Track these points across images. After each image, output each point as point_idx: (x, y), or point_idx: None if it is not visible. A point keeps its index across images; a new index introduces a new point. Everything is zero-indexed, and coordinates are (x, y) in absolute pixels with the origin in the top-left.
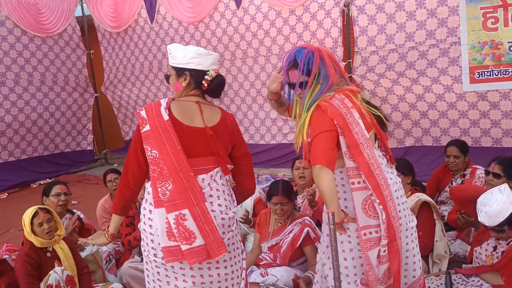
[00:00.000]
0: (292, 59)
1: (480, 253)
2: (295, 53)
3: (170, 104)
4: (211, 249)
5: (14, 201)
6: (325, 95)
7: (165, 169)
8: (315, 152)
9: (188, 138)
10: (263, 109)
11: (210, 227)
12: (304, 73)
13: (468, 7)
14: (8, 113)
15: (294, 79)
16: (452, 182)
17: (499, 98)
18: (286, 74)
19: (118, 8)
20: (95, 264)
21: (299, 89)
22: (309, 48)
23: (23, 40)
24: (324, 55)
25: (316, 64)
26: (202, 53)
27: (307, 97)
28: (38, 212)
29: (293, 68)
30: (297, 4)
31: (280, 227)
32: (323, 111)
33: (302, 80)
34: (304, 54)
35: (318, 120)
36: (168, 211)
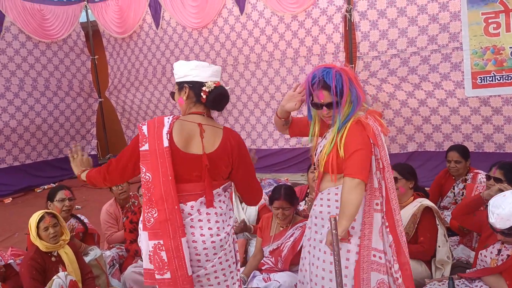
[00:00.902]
0: (320, 80)
1: (485, 255)
2: (322, 73)
3: (173, 125)
4: (177, 284)
5: (18, 206)
6: (358, 114)
7: (153, 197)
8: (355, 166)
9: (184, 165)
10: (265, 114)
11: (179, 263)
12: (337, 94)
13: (469, 13)
14: (13, 118)
15: (322, 100)
16: (454, 187)
17: (501, 104)
18: (309, 94)
19: (124, 14)
20: (99, 269)
21: (325, 109)
22: (335, 69)
23: (27, 46)
24: (351, 75)
25: (346, 85)
26: (200, 65)
27: (339, 116)
28: (44, 216)
29: (321, 89)
30: (300, 10)
31: (281, 231)
32: (363, 128)
33: (330, 101)
34: (333, 75)
35: (357, 136)
36: (149, 238)
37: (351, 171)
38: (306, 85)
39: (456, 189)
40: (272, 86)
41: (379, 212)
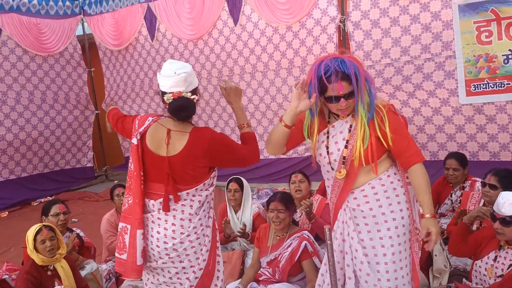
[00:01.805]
0: (337, 71)
1: (480, 266)
2: (336, 64)
3: (149, 126)
4: (127, 268)
5: (14, 220)
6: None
7: (131, 186)
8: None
9: (152, 164)
10: (261, 124)
11: (132, 251)
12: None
13: (461, 21)
14: (9, 131)
15: (340, 91)
16: (452, 194)
17: (495, 111)
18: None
19: (119, 27)
20: (95, 282)
21: (344, 100)
22: (344, 57)
23: (24, 60)
24: (359, 61)
25: (362, 70)
26: (164, 75)
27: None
28: (42, 229)
29: (340, 80)
30: (294, 21)
31: (279, 241)
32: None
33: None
34: (349, 63)
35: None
36: (121, 220)
37: (416, 157)
38: (314, 79)
39: (453, 197)
40: (267, 97)
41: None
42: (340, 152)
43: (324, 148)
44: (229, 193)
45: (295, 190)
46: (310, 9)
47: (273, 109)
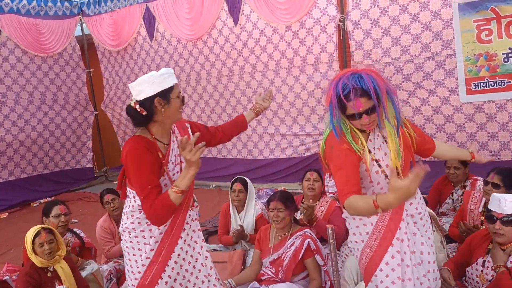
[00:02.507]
0: (356, 88)
1: (471, 273)
2: (354, 81)
3: None
4: None
5: (14, 221)
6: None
7: None
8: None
9: None
10: (261, 124)
11: None
12: (377, 96)
13: (461, 20)
14: (9, 132)
15: (360, 108)
16: (453, 193)
17: (495, 110)
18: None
19: (118, 27)
20: (96, 283)
21: (367, 116)
22: (364, 72)
23: (23, 60)
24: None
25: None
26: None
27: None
28: (40, 232)
29: (359, 97)
30: (293, 20)
31: (280, 241)
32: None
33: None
34: (368, 79)
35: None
36: None
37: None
38: (334, 99)
39: (454, 196)
40: None
41: None
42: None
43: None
44: (233, 194)
45: (308, 187)
46: (309, 8)
47: (273, 109)
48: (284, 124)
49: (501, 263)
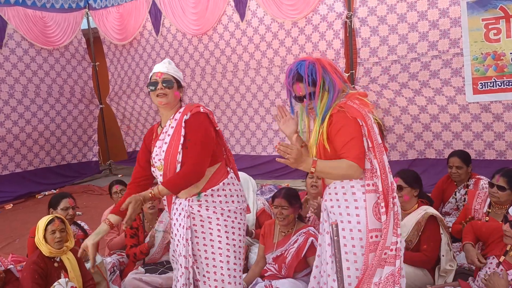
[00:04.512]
0: (295, 73)
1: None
2: (296, 66)
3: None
4: None
5: (19, 212)
6: (337, 102)
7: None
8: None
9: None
10: (265, 121)
11: None
12: (310, 84)
13: (470, 19)
14: (16, 124)
15: (300, 92)
16: (456, 192)
17: (502, 110)
18: (291, 88)
19: (124, 21)
20: (100, 275)
21: (307, 100)
22: (309, 60)
23: (30, 53)
24: (325, 64)
25: (319, 73)
26: None
27: (318, 106)
28: (54, 220)
29: (297, 82)
30: (300, 16)
31: (284, 238)
32: (346, 113)
33: (309, 92)
34: (306, 66)
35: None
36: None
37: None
38: (285, 80)
39: (458, 195)
40: (272, 93)
41: (373, 192)
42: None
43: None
44: None
45: (311, 185)
46: (316, 5)
47: (277, 104)
48: None
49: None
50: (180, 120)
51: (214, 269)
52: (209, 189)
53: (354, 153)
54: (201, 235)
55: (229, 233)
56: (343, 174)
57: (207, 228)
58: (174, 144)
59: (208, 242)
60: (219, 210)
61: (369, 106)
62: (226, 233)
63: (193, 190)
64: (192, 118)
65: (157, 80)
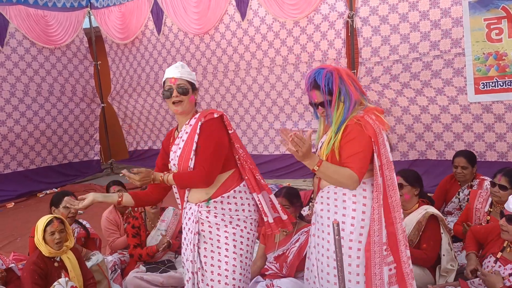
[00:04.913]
0: (312, 80)
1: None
2: (314, 74)
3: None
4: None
5: (20, 211)
6: (355, 114)
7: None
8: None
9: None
10: (267, 120)
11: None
12: (326, 93)
13: (471, 19)
14: (17, 123)
15: (315, 100)
16: (459, 192)
17: (504, 110)
18: (308, 95)
19: (126, 20)
20: (101, 274)
21: (321, 108)
22: (328, 68)
23: (32, 52)
24: (342, 74)
25: (336, 83)
26: None
27: (334, 116)
28: (53, 221)
29: (314, 89)
30: (301, 16)
31: (286, 237)
32: (362, 128)
33: (322, 100)
34: (324, 74)
35: (357, 139)
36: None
37: (353, 166)
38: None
39: (461, 195)
40: (274, 92)
41: (380, 207)
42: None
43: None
44: None
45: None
46: (318, 4)
47: (279, 104)
48: (290, 119)
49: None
50: (194, 126)
51: (219, 277)
52: (219, 196)
53: (359, 166)
54: (208, 241)
55: (237, 242)
56: (341, 182)
57: (214, 235)
58: (187, 150)
59: (215, 249)
60: (228, 218)
61: (384, 124)
62: (233, 242)
63: (203, 196)
64: (205, 125)
65: (172, 87)
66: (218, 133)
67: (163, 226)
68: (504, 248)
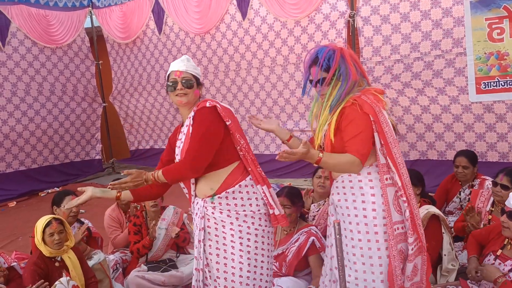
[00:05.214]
0: (313, 56)
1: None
2: (317, 50)
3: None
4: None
5: (22, 210)
6: (351, 95)
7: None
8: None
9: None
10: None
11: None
12: (323, 69)
13: (473, 18)
14: (19, 122)
15: (313, 75)
16: (460, 192)
17: (505, 110)
18: (307, 70)
19: (127, 20)
20: (102, 273)
21: (318, 85)
22: (331, 46)
23: (33, 51)
24: (345, 53)
25: (336, 60)
26: None
27: (327, 94)
28: (51, 222)
29: (313, 65)
30: (302, 15)
31: (286, 236)
32: (360, 107)
33: (321, 77)
34: (326, 51)
35: (356, 119)
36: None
37: (352, 150)
38: (305, 63)
39: (462, 195)
40: (274, 92)
41: (392, 186)
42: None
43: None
44: None
45: (318, 185)
46: (319, 3)
47: (280, 104)
48: (291, 119)
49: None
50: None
51: (225, 275)
52: (223, 191)
53: (357, 148)
54: (214, 238)
55: (244, 239)
56: (345, 169)
57: (220, 231)
58: (186, 142)
59: (221, 246)
60: (234, 214)
61: (383, 102)
62: (240, 239)
63: (208, 191)
64: (197, 114)
65: (177, 80)
66: (209, 121)
67: (164, 224)
68: (505, 246)
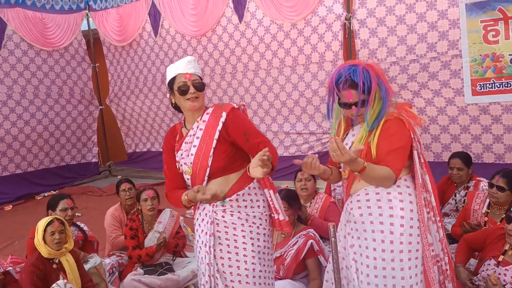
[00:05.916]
0: (348, 79)
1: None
2: (348, 71)
3: None
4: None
5: (18, 213)
6: (390, 111)
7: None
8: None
9: None
10: (264, 122)
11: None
12: (365, 91)
13: (468, 20)
14: (14, 125)
15: (350, 99)
16: (456, 194)
17: (501, 112)
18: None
19: (123, 22)
20: (98, 276)
21: (354, 108)
22: (362, 66)
23: (29, 54)
24: (378, 71)
25: (374, 81)
26: None
27: (368, 114)
28: (53, 221)
29: (349, 88)
30: (299, 18)
31: (284, 239)
32: (403, 124)
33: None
34: (361, 73)
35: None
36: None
37: (391, 164)
38: (330, 85)
39: (457, 196)
40: (271, 94)
41: (425, 207)
42: None
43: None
44: None
45: (301, 188)
46: (315, 6)
47: (277, 107)
48: (288, 122)
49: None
50: (211, 122)
51: (239, 277)
52: (234, 194)
53: (397, 163)
54: (225, 242)
55: (254, 240)
56: (379, 183)
57: (231, 234)
58: (205, 147)
59: (233, 250)
60: (244, 216)
61: (416, 119)
62: (251, 240)
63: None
64: (232, 115)
65: (187, 83)
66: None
67: (160, 227)
68: (506, 252)
